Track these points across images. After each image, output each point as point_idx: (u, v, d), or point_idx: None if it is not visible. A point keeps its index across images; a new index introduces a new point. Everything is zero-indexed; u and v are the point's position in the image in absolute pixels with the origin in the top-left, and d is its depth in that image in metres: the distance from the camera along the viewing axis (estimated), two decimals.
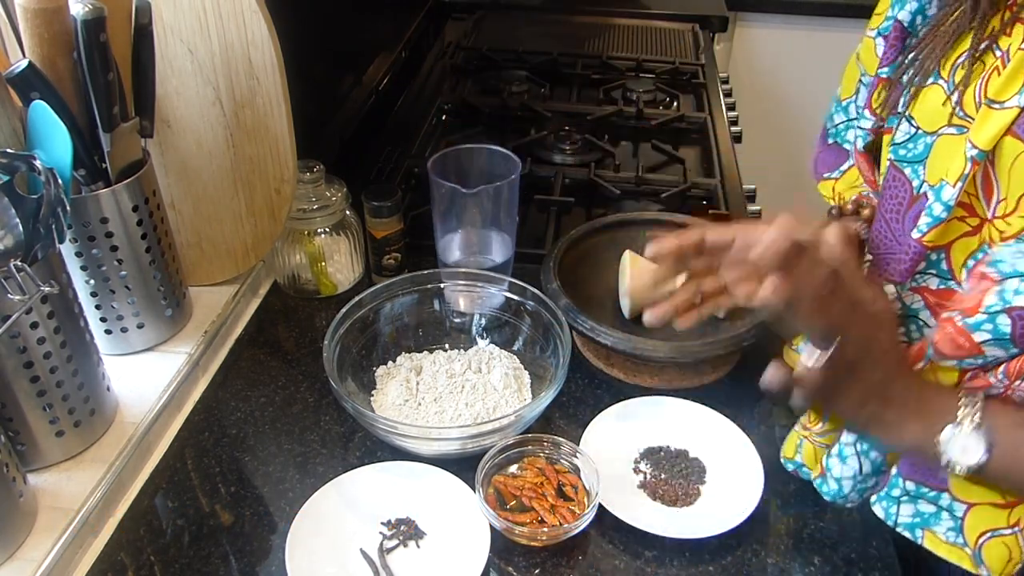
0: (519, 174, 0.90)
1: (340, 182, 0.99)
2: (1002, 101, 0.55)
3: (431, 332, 0.92)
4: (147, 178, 0.81)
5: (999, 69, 0.56)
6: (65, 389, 0.72)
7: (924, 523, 0.64)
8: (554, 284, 0.89)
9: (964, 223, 0.59)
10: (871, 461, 0.68)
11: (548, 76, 1.58)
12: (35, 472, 0.74)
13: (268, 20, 0.81)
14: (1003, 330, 0.55)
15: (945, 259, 0.61)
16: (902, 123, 0.65)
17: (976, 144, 0.56)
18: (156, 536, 0.72)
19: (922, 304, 0.64)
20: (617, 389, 0.87)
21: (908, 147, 0.64)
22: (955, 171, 0.57)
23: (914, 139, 0.63)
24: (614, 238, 1.00)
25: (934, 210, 0.59)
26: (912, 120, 0.64)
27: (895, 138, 0.65)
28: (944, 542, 0.63)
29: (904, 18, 0.67)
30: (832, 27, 1.99)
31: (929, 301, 0.63)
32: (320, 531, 0.70)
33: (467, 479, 0.74)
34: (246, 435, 0.82)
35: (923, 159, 0.62)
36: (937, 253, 0.62)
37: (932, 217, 0.59)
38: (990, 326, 0.55)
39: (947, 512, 0.63)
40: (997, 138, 0.55)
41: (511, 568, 0.70)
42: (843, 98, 0.78)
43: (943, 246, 0.61)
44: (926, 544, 0.64)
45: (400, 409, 0.83)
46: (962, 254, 0.60)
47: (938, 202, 0.58)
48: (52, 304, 0.69)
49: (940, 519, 0.63)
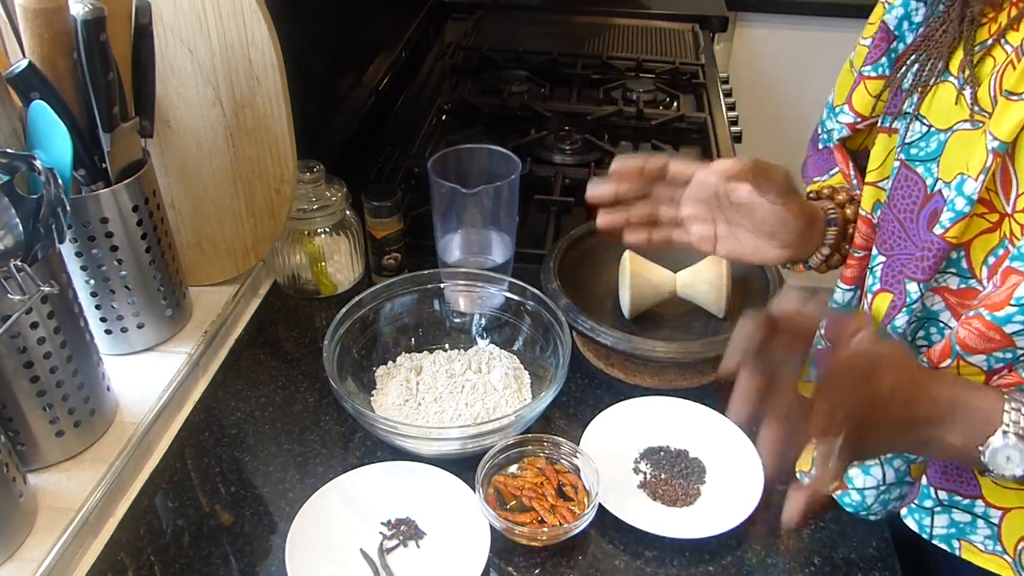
0: (519, 174, 0.90)
1: (340, 182, 0.99)
2: (1020, 93, 0.55)
3: (431, 332, 0.92)
4: (147, 178, 0.81)
5: (1013, 63, 0.57)
6: (65, 389, 0.72)
7: (960, 533, 0.63)
8: (554, 284, 0.89)
9: (984, 219, 0.59)
10: (895, 470, 0.67)
11: (548, 76, 1.58)
12: (35, 472, 0.74)
13: (268, 20, 0.81)
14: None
15: (965, 257, 0.61)
16: (912, 123, 0.65)
17: (997, 136, 0.56)
18: (156, 536, 0.73)
19: (943, 305, 0.64)
20: (617, 389, 0.87)
21: (920, 146, 0.64)
22: (976, 164, 0.57)
23: (926, 137, 0.64)
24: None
25: (956, 204, 0.58)
26: (924, 119, 0.64)
27: (905, 138, 0.65)
28: (982, 551, 0.63)
29: (890, 21, 0.69)
30: (832, 27, 1.99)
31: (950, 301, 0.63)
32: (320, 531, 0.71)
33: (467, 479, 0.74)
34: (246, 435, 0.83)
35: (936, 157, 0.63)
36: (956, 251, 0.61)
37: (955, 212, 0.59)
38: (1022, 317, 0.55)
39: (983, 520, 0.62)
40: (1017, 129, 0.55)
41: (511, 568, 0.70)
42: (836, 104, 0.78)
43: (962, 244, 0.61)
44: (963, 555, 0.63)
45: (400, 409, 0.83)
46: (982, 251, 0.60)
47: (960, 196, 0.58)
48: (52, 304, 0.69)
49: (976, 528, 0.62)
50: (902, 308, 0.63)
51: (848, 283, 0.75)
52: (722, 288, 0.89)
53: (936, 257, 0.61)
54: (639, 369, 0.88)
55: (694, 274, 0.92)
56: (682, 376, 0.87)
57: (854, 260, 0.74)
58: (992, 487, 0.61)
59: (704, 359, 0.85)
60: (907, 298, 0.62)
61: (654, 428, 0.81)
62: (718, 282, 0.90)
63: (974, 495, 0.62)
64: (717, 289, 0.90)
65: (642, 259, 0.92)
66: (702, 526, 0.71)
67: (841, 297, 0.76)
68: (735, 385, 0.55)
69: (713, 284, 0.90)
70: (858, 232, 0.73)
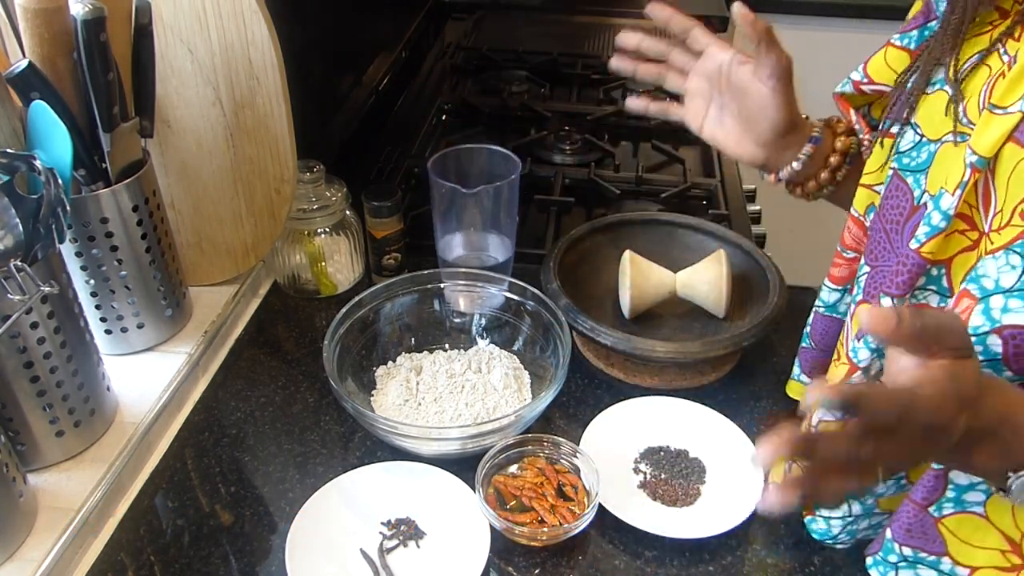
0: (519, 174, 0.90)
1: (340, 182, 0.99)
2: (1005, 107, 0.53)
3: (431, 332, 0.92)
4: (147, 178, 0.81)
5: (1004, 73, 0.54)
6: (65, 389, 0.72)
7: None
8: (554, 284, 0.89)
9: (964, 236, 0.57)
10: (861, 504, 0.66)
11: (548, 76, 1.58)
12: (35, 472, 0.74)
13: (268, 20, 0.81)
14: (994, 351, 0.51)
15: (945, 275, 0.59)
16: (906, 131, 0.64)
17: (976, 151, 0.53)
18: (156, 536, 0.73)
19: None
20: (617, 389, 0.87)
21: (912, 155, 0.62)
22: (954, 179, 0.55)
23: (918, 147, 0.62)
24: (614, 238, 1.00)
25: (932, 219, 0.56)
26: (917, 128, 0.63)
27: (900, 145, 0.64)
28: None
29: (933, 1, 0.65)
30: (835, 27, 1.99)
31: None
32: (320, 531, 0.71)
33: (467, 479, 0.74)
34: (246, 435, 0.83)
35: (925, 168, 0.61)
36: (938, 269, 0.59)
37: (930, 227, 0.56)
38: (980, 348, 0.51)
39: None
40: (998, 145, 0.53)
41: (511, 568, 0.71)
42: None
43: (943, 261, 0.58)
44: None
45: (400, 409, 0.83)
46: (962, 269, 0.58)
47: (936, 211, 0.56)
48: (52, 304, 0.69)
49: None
50: None
51: (836, 283, 0.74)
52: (722, 288, 0.89)
53: (911, 272, 0.58)
54: (639, 369, 0.88)
55: (694, 274, 0.91)
56: (682, 376, 0.87)
57: (842, 260, 0.72)
58: (960, 545, 0.59)
59: (704, 359, 0.85)
60: None
61: (654, 428, 0.81)
62: (718, 282, 0.89)
63: (939, 552, 0.60)
64: (717, 289, 0.90)
65: (642, 259, 0.92)
66: (702, 526, 0.72)
67: (828, 297, 0.75)
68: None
69: (713, 284, 0.90)
70: (848, 232, 0.71)
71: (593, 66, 1.63)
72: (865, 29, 1.95)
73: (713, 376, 0.89)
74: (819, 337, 0.78)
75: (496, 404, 0.83)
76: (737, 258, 0.95)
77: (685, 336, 0.92)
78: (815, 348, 0.79)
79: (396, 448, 0.79)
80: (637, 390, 0.87)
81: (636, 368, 0.88)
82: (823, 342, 0.77)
